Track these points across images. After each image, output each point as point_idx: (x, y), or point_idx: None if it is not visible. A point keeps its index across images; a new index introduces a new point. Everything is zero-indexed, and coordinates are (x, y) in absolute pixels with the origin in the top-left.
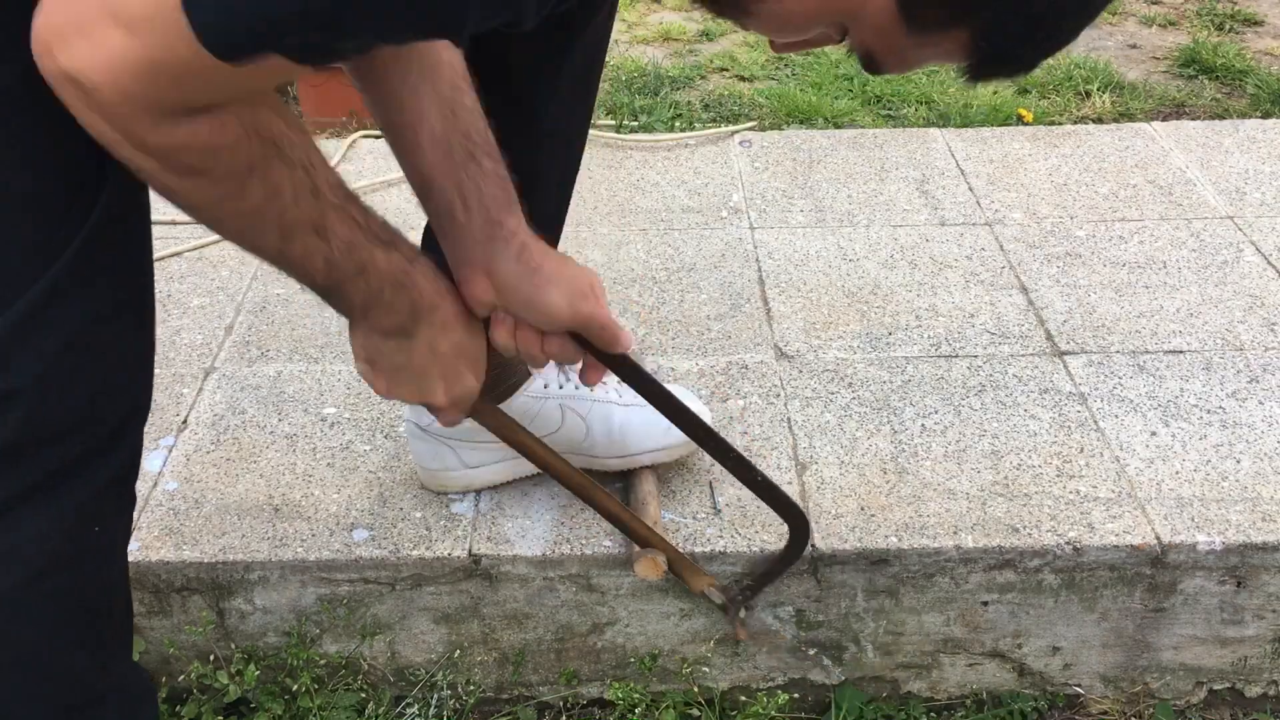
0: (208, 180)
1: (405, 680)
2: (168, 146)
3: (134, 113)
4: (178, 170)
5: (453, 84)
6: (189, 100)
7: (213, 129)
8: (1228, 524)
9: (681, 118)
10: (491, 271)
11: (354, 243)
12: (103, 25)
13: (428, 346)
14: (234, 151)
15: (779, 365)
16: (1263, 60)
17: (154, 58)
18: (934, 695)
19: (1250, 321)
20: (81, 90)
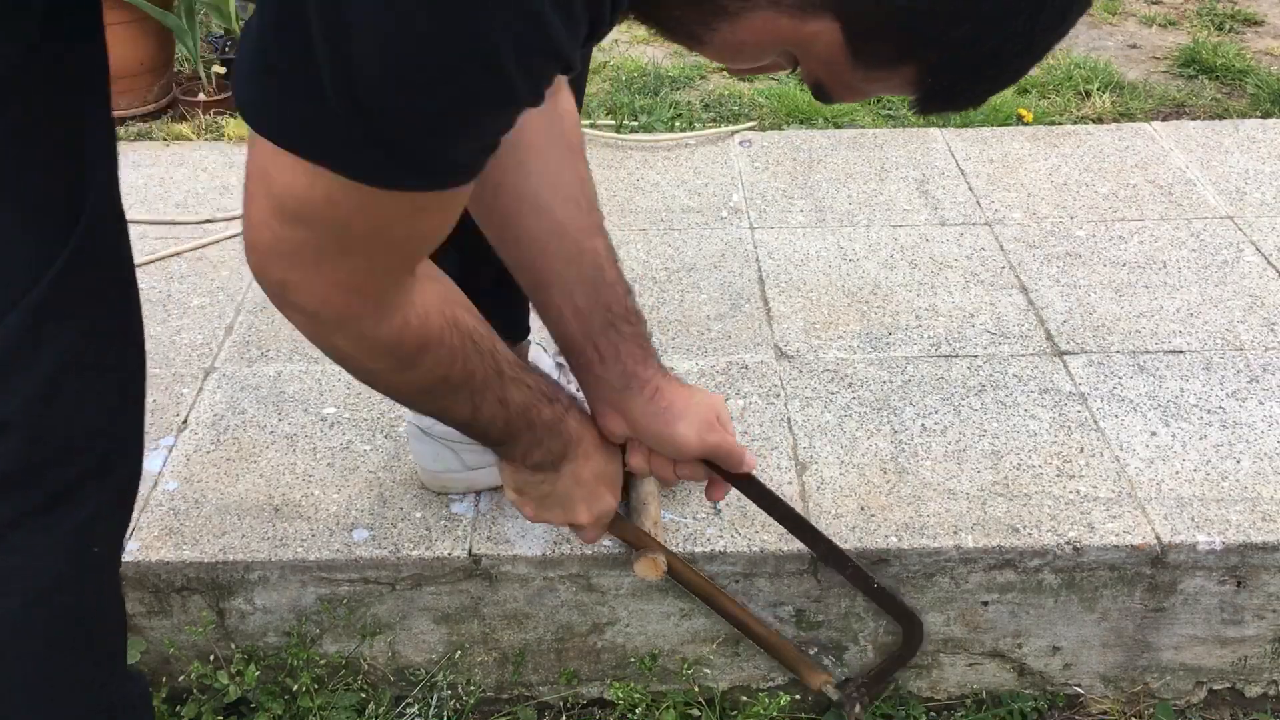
0: (423, 370)
1: (405, 680)
2: (391, 338)
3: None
4: (401, 364)
5: (595, 265)
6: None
7: (421, 320)
8: (1228, 524)
9: (681, 118)
10: (625, 412)
11: (527, 405)
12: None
13: (572, 477)
14: (440, 341)
15: (779, 365)
16: (1263, 60)
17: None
18: (934, 695)
19: (1250, 321)
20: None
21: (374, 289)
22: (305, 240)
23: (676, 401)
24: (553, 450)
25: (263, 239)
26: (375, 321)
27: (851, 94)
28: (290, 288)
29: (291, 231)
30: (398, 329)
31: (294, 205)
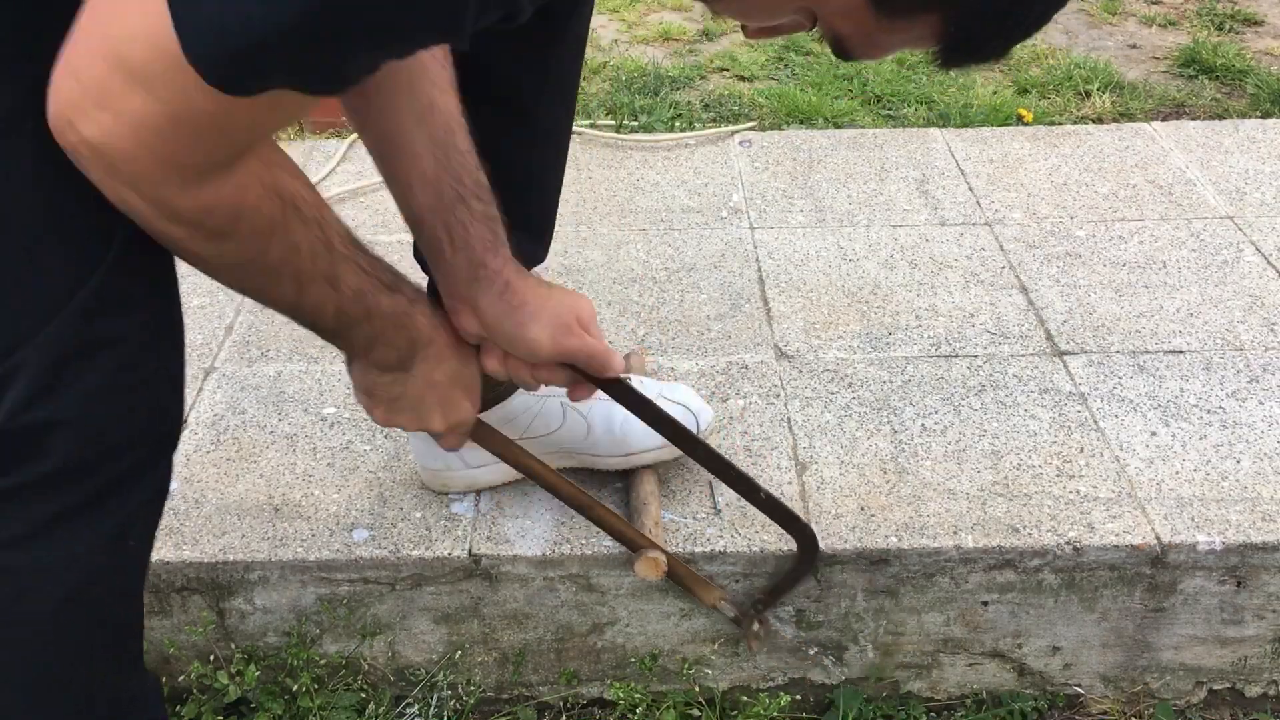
0: (234, 243)
1: (405, 680)
2: (196, 209)
3: (163, 176)
4: (206, 235)
5: (446, 128)
6: (212, 154)
7: (236, 189)
8: (1228, 524)
9: (681, 118)
10: (476, 308)
11: (362, 290)
12: (120, 91)
13: (423, 378)
14: (257, 211)
15: (779, 365)
16: (1263, 60)
17: (173, 112)
18: (934, 695)
19: (1250, 321)
20: (108, 161)
21: (193, 167)
22: (140, 104)
23: (531, 299)
24: (399, 346)
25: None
26: (179, 189)
27: (872, 48)
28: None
29: (129, 89)
30: (205, 200)
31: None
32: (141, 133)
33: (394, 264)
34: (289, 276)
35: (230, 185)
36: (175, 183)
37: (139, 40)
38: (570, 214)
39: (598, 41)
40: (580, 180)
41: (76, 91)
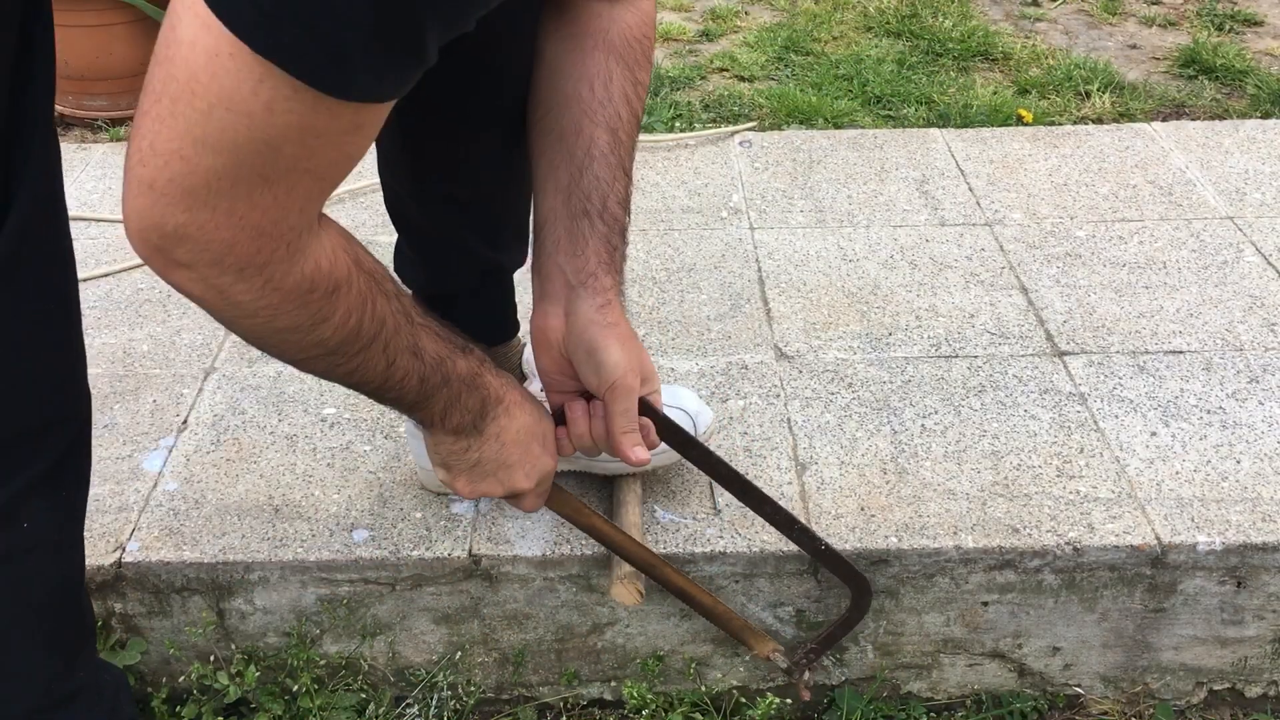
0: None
1: (405, 680)
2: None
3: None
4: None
5: (588, 151)
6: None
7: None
8: (1228, 524)
9: (681, 118)
10: (570, 311)
11: (441, 356)
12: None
13: (496, 438)
14: (350, 286)
15: (779, 365)
16: (1263, 60)
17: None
18: (934, 695)
19: (1250, 321)
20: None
21: (287, 228)
22: (223, 169)
23: (623, 326)
24: (470, 408)
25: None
26: (287, 266)
27: None
28: (188, 235)
29: (210, 158)
30: (309, 275)
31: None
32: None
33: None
34: (379, 351)
35: (324, 255)
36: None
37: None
38: None
39: None
40: None
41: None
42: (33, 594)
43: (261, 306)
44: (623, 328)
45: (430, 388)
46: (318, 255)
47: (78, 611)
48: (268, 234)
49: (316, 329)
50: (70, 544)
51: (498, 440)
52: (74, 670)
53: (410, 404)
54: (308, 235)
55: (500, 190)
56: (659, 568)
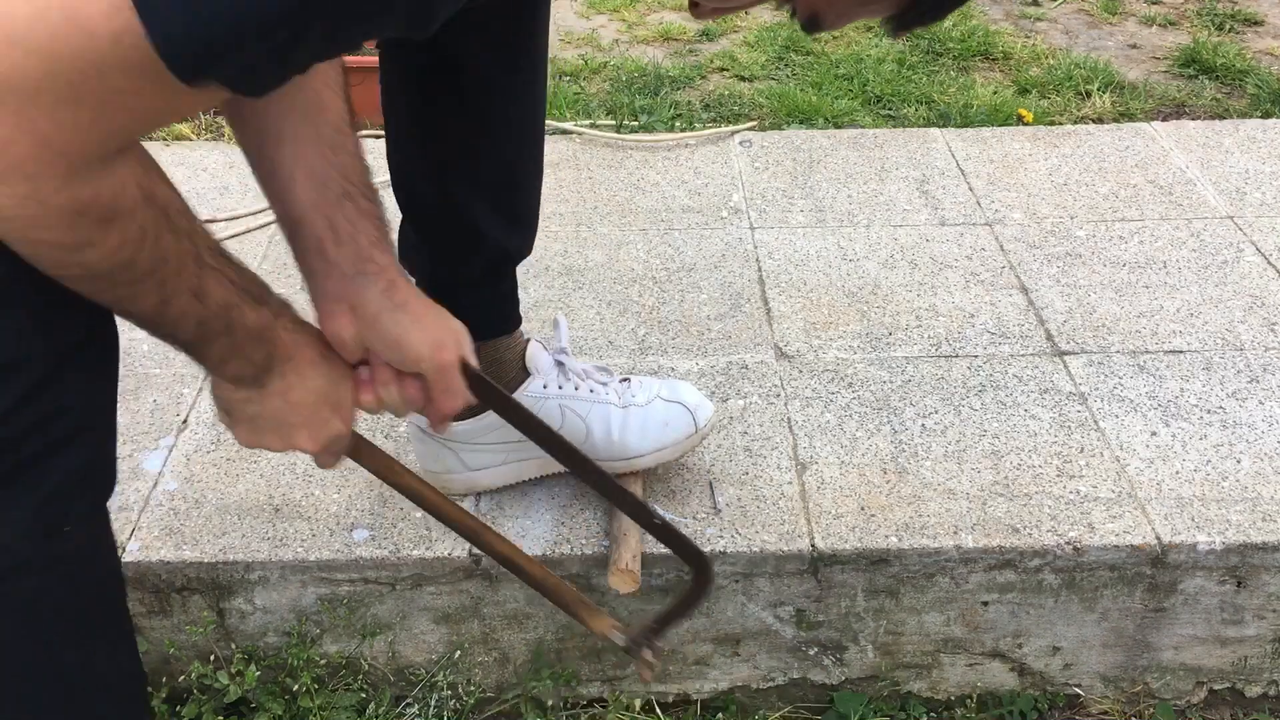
0: (101, 250)
1: (405, 680)
2: (70, 207)
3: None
4: (75, 240)
5: (336, 127)
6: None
7: (113, 190)
8: (1228, 524)
9: (681, 118)
10: (357, 305)
11: (228, 303)
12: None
13: (282, 396)
14: (130, 217)
15: (779, 365)
16: (1263, 60)
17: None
18: (934, 695)
19: (1250, 321)
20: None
21: (79, 151)
22: (32, 71)
23: (414, 304)
24: (254, 361)
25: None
26: (59, 184)
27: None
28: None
29: (23, 57)
30: (84, 199)
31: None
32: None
33: None
34: (154, 288)
35: (108, 184)
36: (56, 174)
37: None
38: (570, 214)
39: (598, 41)
40: (580, 180)
41: None
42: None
43: (20, 214)
44: (415, 305)
45: (209, 333)
46: (100, 183)
47: (112, 611)
48: (53, 148)
49: (81, 251)
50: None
51: (282, 398)
52: (97, 671)
53: (185, 344)
54: (97, 163)
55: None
56: (482, 534)
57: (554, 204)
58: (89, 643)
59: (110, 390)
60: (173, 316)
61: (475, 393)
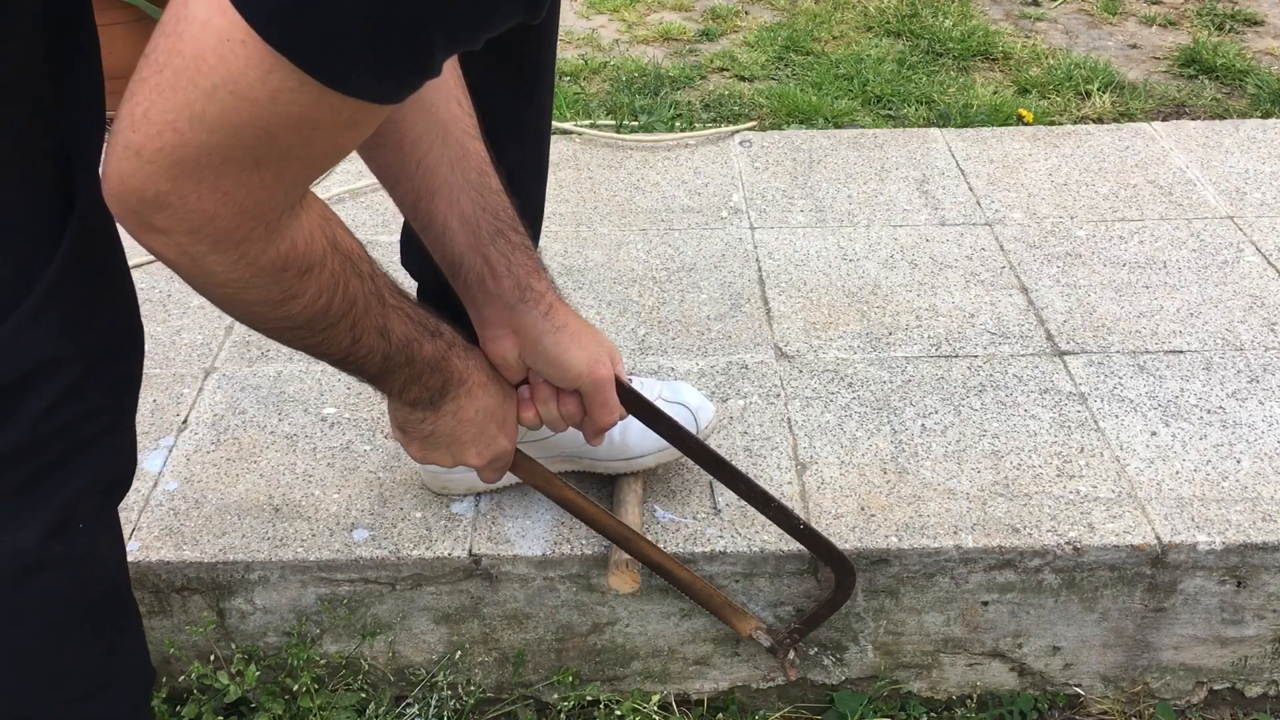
0: (304, 300)
1: (405, 680)
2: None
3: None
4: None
5: (480, 170)
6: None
7: (306, 241)
8: (1228, 524)
9: (681, 118)
10: (519, 329)
11: (408, 338)
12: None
13: (454, 415)
14: (323, 266)
15: (779, 365)
16: (1263, 60)
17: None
18: (934, 695)
19: (1250, 321)
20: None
21: (270, 208)
22: (215, 147)
23: (571, 324)
24: (430, 387)
25: (160, 141)
26: (263, 244)
27: None
28: (168, 203)
29: (204, 135)
30: (284, 253)
31: (226, 103)
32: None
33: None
34: (346, 329)
35: (301, 236)
36: (258, 235)
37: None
38: (570, 214)
39: (598, 41)
40: (580, 180)
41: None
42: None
43: (233, 278)
44: (572, 325)
45: (393, 365)
46: (295, 235)
47: (121, 609)
48: (249, 212)
49: (285, 304)
50: (116, 541)
51: (454, 418)
52: (110, 663)
53: (371, 377)
54: (288, 216)
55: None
56: (635, 541)
57: (554, 204)
58: (99, 642)
59: (134, 393)
60: (362, 354)
61: (626, 405)
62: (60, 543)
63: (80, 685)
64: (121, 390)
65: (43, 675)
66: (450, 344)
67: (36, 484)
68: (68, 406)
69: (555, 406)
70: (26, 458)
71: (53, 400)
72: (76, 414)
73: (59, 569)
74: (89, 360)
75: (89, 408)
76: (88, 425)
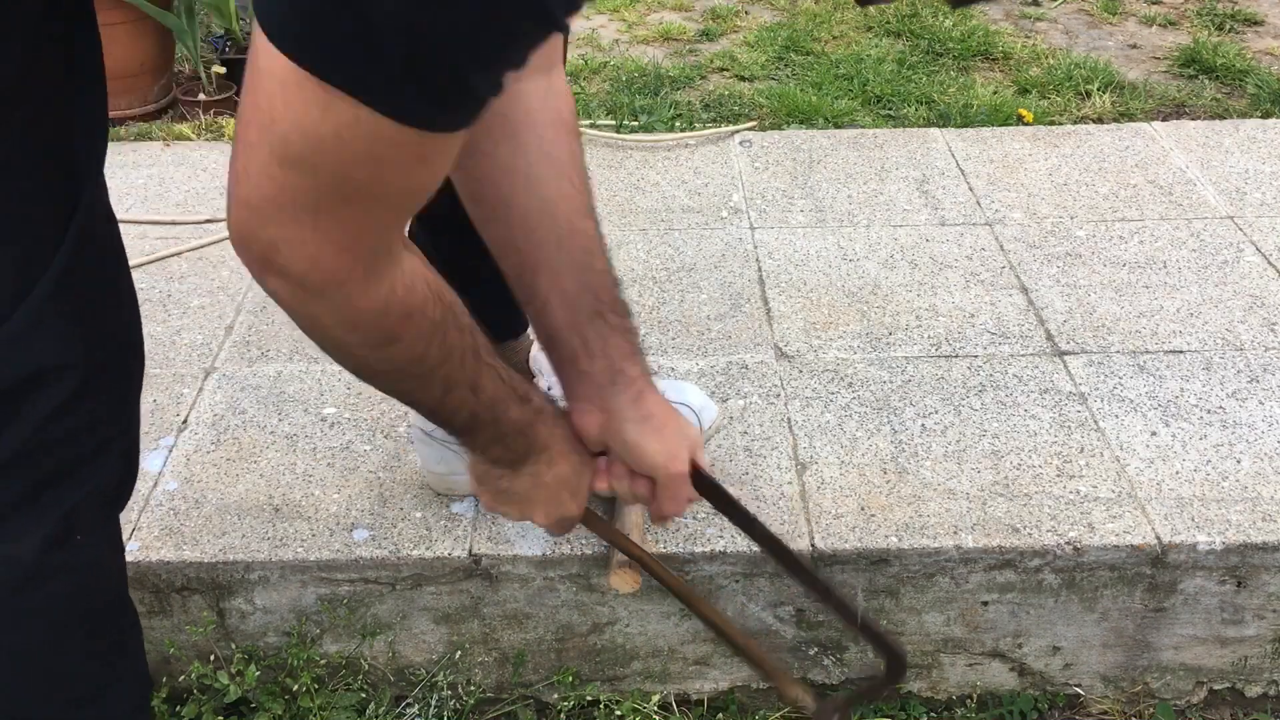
0: (401, 346)
1: (405, 680)
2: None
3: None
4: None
5: (586, 249)
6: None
7: (407, 288)
8: (1228, 524)
9: (681, 118)
10: (606, 410)
11: (497, 398)
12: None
13: (532, 478)
14: (423, 314)
15: (779, 365)
16: (1263, 60)
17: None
18: (934, 695)
19: (1250, 321)
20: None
21: (366, 247)
22: (306, 188)
23: (657, 414)
24: (514, 450)
25: (261, 190)
26: (364, 287)
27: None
28: (281, 248)
29: (295, 178)
30: (384, 297)
31: (300, 144)
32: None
33: None
34: (440, 380)
35: (401, 280)
36: (357, 277)
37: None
38: None
39: (598, 41)
40: None
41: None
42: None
43: (338, 321)
44: (657, 416)
45: (479, 423)
46: (394, 280)
47: (120, 616)
48: (349, 250)
49: (384, 349)
50: (116, 549)
51: (532, 480)
52: (109, 667)
53: (457, 430)
54: (385, 259)
55: None
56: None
57: None
58: (98, 645)
59: (135, 402)
60: (451, 406)
61: (701, 491)
62: (62, 553)
63: (80, 687)
64: (123, 398)
65: (42, 677)
66: (538, 411)
67: (39, 494)
68: (70, 414)
69: (628, 485)
70: (28, 466)
71: (54, 408)
72: (78, 422)
73: (60, 578)
74: (91, 367)
75: (91, 416)
76: (90, 434)
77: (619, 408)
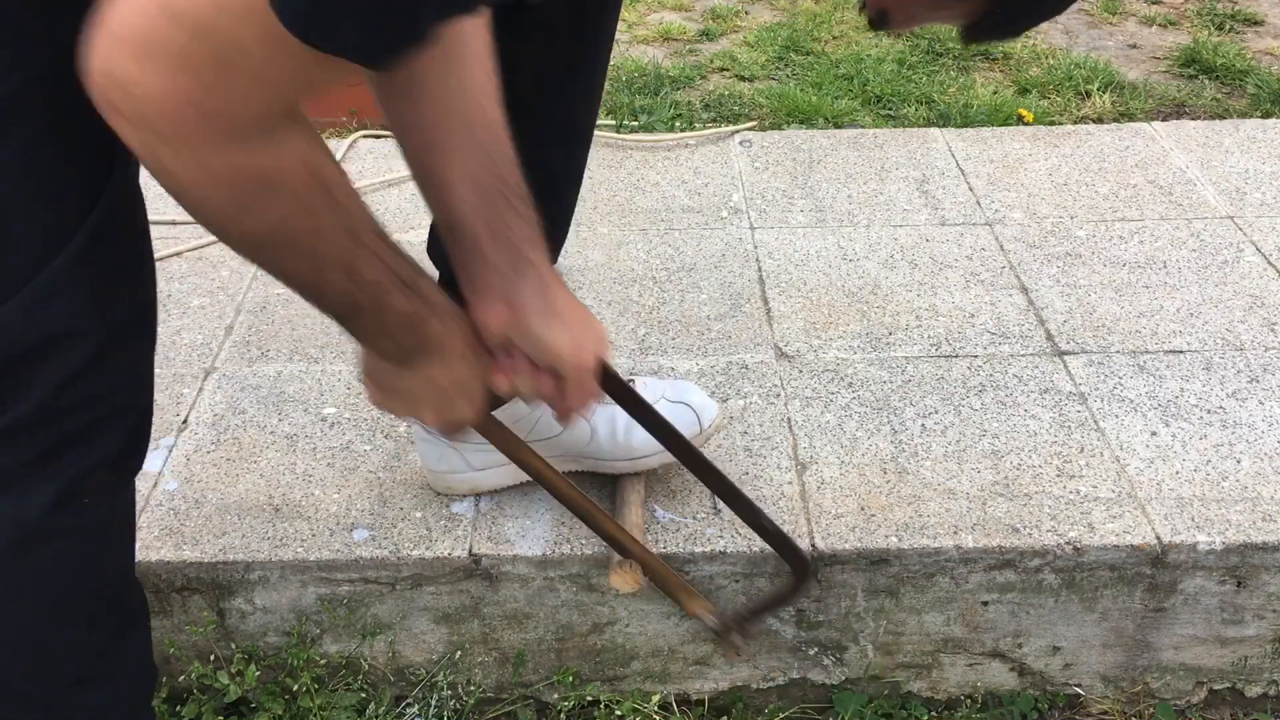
0: (259, 216)
1: (405, 680)
2: (228, 171)
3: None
4: (233, 203)
5: (493, 135)
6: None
7: (274, 160)
8: (1228, 524)
9: (681, 118)
10: (511, 301)
11: (379, 285)
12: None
13: (424, 377)
14: (284, 186)
15: (779, 365)
16: (1263, 60)
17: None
18: (934, 695)
19: (1250, 321)
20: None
21: (234, 119)
22: (179, 40)
23: (563, 306)
24: (402, 343)
25: (130, 25)
26: (218, 149)
27: (912, 22)
28: (127, 85)
29: (172, 27)
30: (243, 165)
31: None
32: (184, 80)
33: None
34: (304, 256)
35: (271, 155)
36: (212, 138)
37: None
38: None
39: None
40: None
41: (117, 47)
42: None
43: (186, 176)
44: (561, 305)
45: (359, 310)
46: (263, 154)
47: (125, 596)
48: (204, 111)
49: (242, 219)
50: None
51: (424, 380)
52: (108, 653)
53: (335, 316)
54: (258, 133)
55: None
56: (593, 514)
57: None
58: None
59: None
60: (324, 288)
61: (608, 391)
62: (68, 515)
63: (79, 667)
64: (135, 368)
65: (41, 653)
66: (429, 304)
67: (49, 458)
68: (82, 381)
69: (530, 380)
70: (40, 430)
71: (68, 375)
72: (90, 390)
73: (65, 540)
74: (104, 337)
75: (103, 384)
76: (102, 401)
77: (524, 299)
